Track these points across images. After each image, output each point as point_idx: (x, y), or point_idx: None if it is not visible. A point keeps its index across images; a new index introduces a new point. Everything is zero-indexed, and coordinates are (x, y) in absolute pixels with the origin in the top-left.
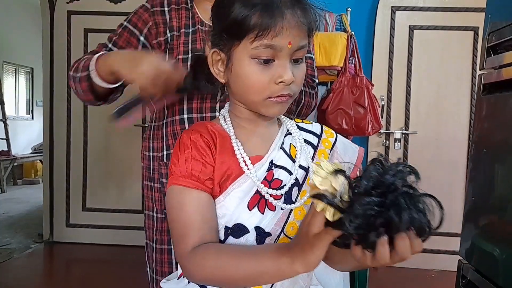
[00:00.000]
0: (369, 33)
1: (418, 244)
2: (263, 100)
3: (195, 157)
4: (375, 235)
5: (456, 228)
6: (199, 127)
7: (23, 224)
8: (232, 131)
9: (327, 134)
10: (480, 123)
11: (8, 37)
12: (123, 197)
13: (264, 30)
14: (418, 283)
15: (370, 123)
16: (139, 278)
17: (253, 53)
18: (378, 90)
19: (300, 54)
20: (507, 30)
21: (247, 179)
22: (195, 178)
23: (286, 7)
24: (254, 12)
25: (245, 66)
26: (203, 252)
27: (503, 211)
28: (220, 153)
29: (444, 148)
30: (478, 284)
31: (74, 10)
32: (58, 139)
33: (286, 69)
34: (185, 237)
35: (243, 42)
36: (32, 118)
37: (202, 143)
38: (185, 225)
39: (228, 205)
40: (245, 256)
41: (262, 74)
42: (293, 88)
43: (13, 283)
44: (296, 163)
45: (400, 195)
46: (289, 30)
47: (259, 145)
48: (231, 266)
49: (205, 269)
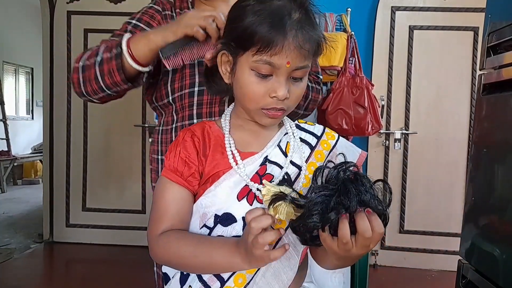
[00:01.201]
0: (369, 33)
1: (378, 224)
2: (257, 110)
3: (181, 155)
4: (335, 213)
5: (456, 228)
6: (195, 127)
7: (23, 224)
8: (227, 129)
9: (328, 136)
10: (480, 123)
11: (8, 37)
12: (123, 197)
13: (265, 47)
14: (418, 283)
15: (370, 123)
16: (139, 278)
17: (253, 66)
18: (378, 90)
19: (299, 73)
20: (507, 30)
21: (235, 174)
22: (179, 174)
23: (290, 29)
24: (261, 28)
25: (245, 75)
26: (168, 238)
27: (503, 211)
28: (213, 151)
29: (444, 148)
30: (478, 284)
31: (74, 10)
32: (58, 139)
33: (281, 86)
34: (158, 221)
35: (247, 53)
36: (32, 118)
37: (190, 143)
38: (160, 212)
39: (219, 195)
40: (202, 246)
41: (259, 86)
42: (288, 104)
43: (13, 283)
44: (288, 158)
45: (348, 182)
46: (289, 51)
47: (255, 143)
48: (189, 254)
49: (167, 253)
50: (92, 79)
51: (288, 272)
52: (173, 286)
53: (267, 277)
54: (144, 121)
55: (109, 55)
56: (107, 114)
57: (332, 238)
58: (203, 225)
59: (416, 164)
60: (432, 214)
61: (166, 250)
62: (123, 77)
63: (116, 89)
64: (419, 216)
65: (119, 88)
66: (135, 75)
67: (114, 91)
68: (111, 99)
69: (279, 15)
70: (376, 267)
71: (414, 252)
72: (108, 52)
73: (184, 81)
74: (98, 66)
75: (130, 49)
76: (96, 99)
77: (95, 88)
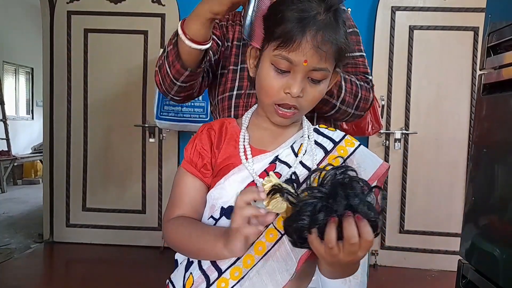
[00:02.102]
0: (369, 33)
1: (366, 231)
2: (270, 105)
3: (197, 147)
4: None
5: (456, 228)
6: (215, 122)
7: (23, 224)
8: (245, 126)
9: (347, 143)
10: (480, 123)
11: (8, 37)
12: (123, 197)
13: (285, 43)
14: (418, 283)
15: (370, 123)
16: (139, 278)
17: (273, 60)
18: (378, 90)
19: (317, 75)
20: (507, 30)
21: (243, 169)
22: (194, 164)
23: (311, 29)
24: (286, 23)
25: (265, 68)
26: (175, 224)
27: (503, 211)
28: (227, 144)
29: (444, 148)
30: (478, 284)
31: (74, 10)
32: (58, 139)
33: (296, 82)
34: (171, 207)
35: (269, 46)
36: (32, 118)
37: (205, 136)
38: (175, 199)
39: (227, 188)
40: (196, 232)
41: (275, 80)
42: (301, 103)
43: (13, 283)
44: (298, 158)
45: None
46: (307, 50)
47: (270, 142)
48: (186, 239)
49: (174, 237)
50: (164, 75)
51: (283, 273)
52: (179, 271)
53: (261, 274)
54: (144, 121)
55: (171, 46)
56: (107, 114)
57: (321, 241)
58: (210, 216)
59: (416, 164)
60: (432, 214)
61: (173, 234)
62: (181, 63)
63: (183, 79)
64: (419, 216)
65: (184, 77)
66: (199, 59)
67: (182, 82)
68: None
69: (306, 13)
70: (376, 267)
71: (414, 252)
72: (171, 44)
73: (226, 85)
74: (166, 59)
75: (184, 31)
76: (175, 96)
77: (168, 82)
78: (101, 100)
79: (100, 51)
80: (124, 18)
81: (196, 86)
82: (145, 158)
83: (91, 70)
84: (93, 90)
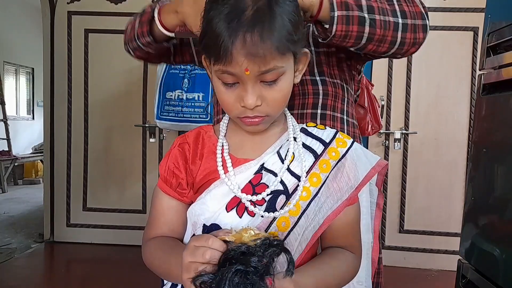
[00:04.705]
0: None
1: None
2: (235, 118)
3: (169, 165)
4: None
5: (456, 228)
6: (190, 133)
7: (24, 224)
8: (223, 133)
9: (338, 142)
10: (480, 123)
11: (9, 37)
12: (123, 197)
13: (217, 57)
14: (418, 282)
15: (370, 123)
16: (139, 278)
17: (217, 75)
18: (378, 90)
19: (270, 77)
20: (507, 30)
21: (223, 183)
22: (169, 184)
23: (236, 35)
24: (211, 36)
25: (215, 82)
26: (152, 244)
27: (503, 211)
28: (206, 158)
29: (444, 148)
30: (478, 284)
31: (75, 10)
32: (58, 139)
33: (247, 93)
34: (148, 229)
35: (210, 61)
36: (33, 118)
37: (178, 152)
38: (151, 219)
39: (209, 203)
40: (165, 255)
41: (227, 95)
42: (264, 110)
43: (14, 283)
44: (284, 165)
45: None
46: (242, 59)
47: (253, 148)
48: (155, 263)
49: (149, 258)
50: (131, 28)
51: None
52: None
53: None
54: (145, 121)
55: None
56: (107, 114)
57: None
58: (193, 234)
59: (416, 164)
60: (432, 214)
61: (148, 255)
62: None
63: (143, 42)
64: (419, 216)
65: (145, 41)
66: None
67: (142, 44)
68: (143, 58)
69: (231, 14)
70: None
71: (414, 252)
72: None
73: None
74: (139, 23)
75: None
76: (131, 50)
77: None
78: (101, 100)
79: (101, 51)
80: (124, 18)
81: (153, 57)
82: (145, 158)
83: (92, 70)
84: (94, 90)
